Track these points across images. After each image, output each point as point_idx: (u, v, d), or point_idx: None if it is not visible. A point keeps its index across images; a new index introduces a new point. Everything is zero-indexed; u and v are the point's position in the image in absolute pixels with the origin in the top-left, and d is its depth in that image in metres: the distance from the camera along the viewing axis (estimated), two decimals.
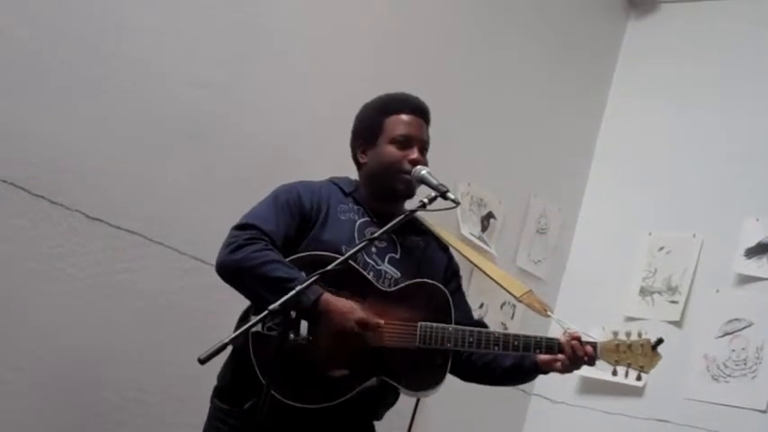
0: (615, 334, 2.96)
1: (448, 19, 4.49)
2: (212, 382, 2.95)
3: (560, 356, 2.90)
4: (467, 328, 2.87)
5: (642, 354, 2.93)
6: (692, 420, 4.23)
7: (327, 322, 2.73)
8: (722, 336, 4.29)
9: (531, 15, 4.82)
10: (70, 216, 3.38)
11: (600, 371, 4.47)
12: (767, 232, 4.34)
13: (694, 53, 4.90)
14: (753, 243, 4.36)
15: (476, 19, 4.59)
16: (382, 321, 2.80)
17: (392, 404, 2.99)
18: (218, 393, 2.92)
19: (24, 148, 3.29)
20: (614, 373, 2.97)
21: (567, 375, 4.51)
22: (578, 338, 2.92)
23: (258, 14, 3.86)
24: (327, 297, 2.72)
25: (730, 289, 4.36)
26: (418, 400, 4.03)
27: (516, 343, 2.87)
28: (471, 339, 2.85)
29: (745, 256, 4.36)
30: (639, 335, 2.97)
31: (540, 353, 2.91)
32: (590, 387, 4.61)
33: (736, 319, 4.28)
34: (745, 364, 4.19)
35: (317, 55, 4.01)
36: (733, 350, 4.24)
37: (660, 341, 2.95)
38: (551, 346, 2.90)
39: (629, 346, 2.94)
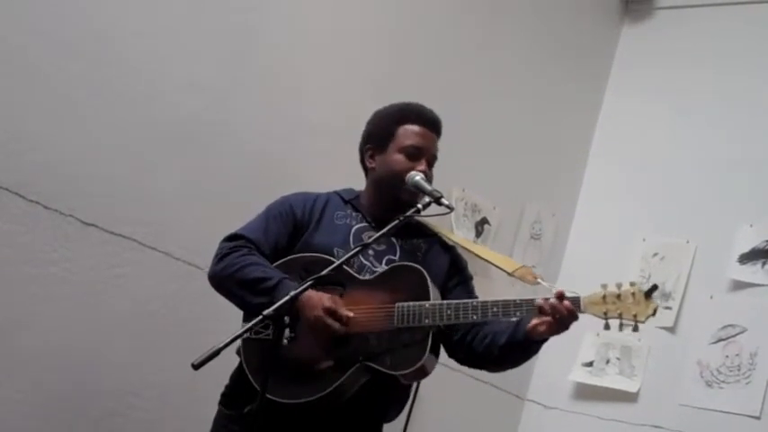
0: (604, 287, 2.74)
1: (443, 26, 4.49)
2: (207, 387, 2.96)
3: (545, 318, 2.74)
4: (444, 301, 2.82)
5: (634, 302, 2.70)
6: (686, 426, 4.23)
7: (303, 317, 2.74)
8: (716, 342, 4.29)
9: (525, 21, 4.82)
10: (65, 221, 3.38)
11: (594, 377, 4.58)
12: (761, 238, 4.35)
13: (689, 59, 4.90)
14: (747, 249, 4.37)
15: (470, 24, 4.59)
16: (351, 313, 2.77)
17: (401, 402, 2.99)
18: (222, 399, 2.95)
19: (19, 154, 3.29)
20: (606, 326, 2.75)
21: (560, 380, 4.59)
22: (561, 294, 2.75)
23: (255, 20, 3.85)
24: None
25: (724, 295, 4.36)
26: (411, 407, 4.02)
27: (495, 309, 2.77)
28: (449, 312, 2.78)
29: (739, 261, 4.36)
30: (632, 284, 2.75)
31: (521, 315, 2.78)
32: (584, 393, 4.61)
33: (730, 325, 4.28)
34: (738, 370, 4.19)
35: (313, 61, 4.01)
36: (727, 356, 4.24)
37: (654, 288, 2.74)
38: (531, 305, 2.75)
39: (618, 296, 2.72)
